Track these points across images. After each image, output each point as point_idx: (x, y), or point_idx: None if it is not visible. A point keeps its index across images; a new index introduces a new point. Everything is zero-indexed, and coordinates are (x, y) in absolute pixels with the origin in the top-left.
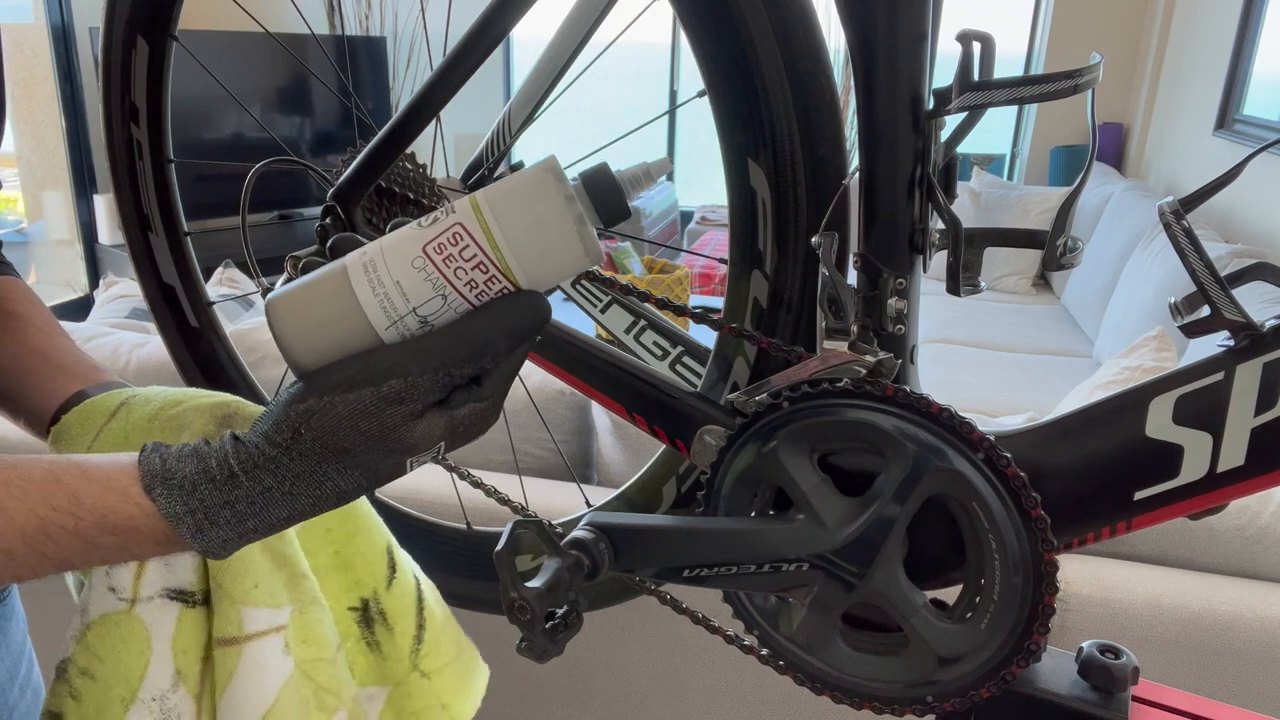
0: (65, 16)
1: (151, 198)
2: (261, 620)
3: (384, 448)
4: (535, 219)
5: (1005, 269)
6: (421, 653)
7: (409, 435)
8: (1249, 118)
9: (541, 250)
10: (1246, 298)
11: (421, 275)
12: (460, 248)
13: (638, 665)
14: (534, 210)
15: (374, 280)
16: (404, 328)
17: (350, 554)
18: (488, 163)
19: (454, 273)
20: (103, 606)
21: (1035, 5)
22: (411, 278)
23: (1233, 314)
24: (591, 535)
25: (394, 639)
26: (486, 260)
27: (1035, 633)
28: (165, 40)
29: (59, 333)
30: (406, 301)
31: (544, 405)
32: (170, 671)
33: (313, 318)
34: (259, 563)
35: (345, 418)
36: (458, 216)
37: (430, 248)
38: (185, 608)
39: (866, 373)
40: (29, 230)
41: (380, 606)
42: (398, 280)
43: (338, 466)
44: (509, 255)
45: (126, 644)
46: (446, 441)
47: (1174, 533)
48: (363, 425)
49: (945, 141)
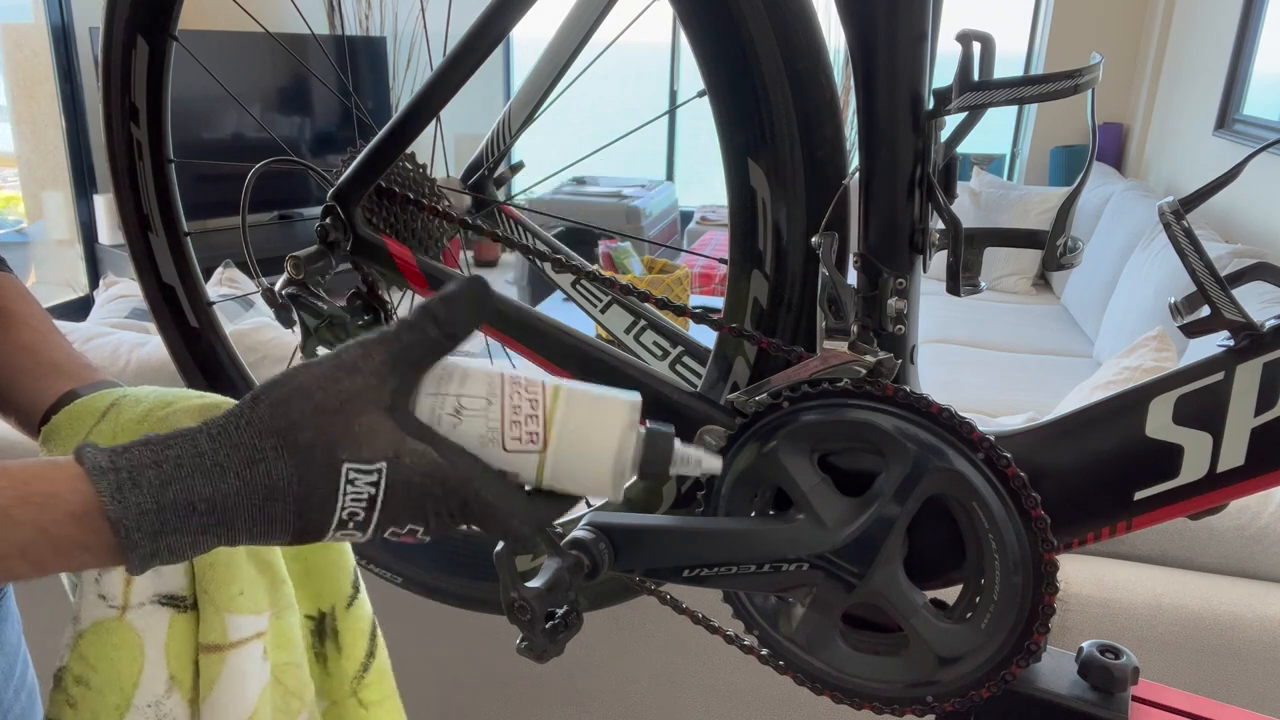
0: (65, 16)
1: (151, 198)
2: (245, 627)
3: (325, 428)
4: (592, 433)
5: (1005, 269)
6: (365, 681)
7: (353, 422)
8: (1249, 118)
9: (579, 459)
10: (1246, 298)
11: (485, 383)
12: (528, 395)
13: (638, 665)
14: (597, 426)
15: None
16: (441, 406)
17: (319, 564)
18: (488, 163)
19: (509, 396)
20: (94, 614)
21: (1035, 5)
22: (478, 380)
23: (1233, 314)
24: (591, 535)
25: (340, 659)
26: (537, 417)
27: (1035, 633)
28: (165, 40)
29: (52, 330)
30: (460, 387)
31: None
32: (164, 677)
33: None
34: (244, 569)
35: (301, 386)
36: (541, 387)
37: (508, 380)
38: (177, 613)
39: (866, 373)
40: (29, 230)
41: (335, 624)
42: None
43: (275, 444)
44: (555, 436)
45: (119, 651)
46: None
47: (1174, 533)
48: (316, 395)
49: (945, 141)
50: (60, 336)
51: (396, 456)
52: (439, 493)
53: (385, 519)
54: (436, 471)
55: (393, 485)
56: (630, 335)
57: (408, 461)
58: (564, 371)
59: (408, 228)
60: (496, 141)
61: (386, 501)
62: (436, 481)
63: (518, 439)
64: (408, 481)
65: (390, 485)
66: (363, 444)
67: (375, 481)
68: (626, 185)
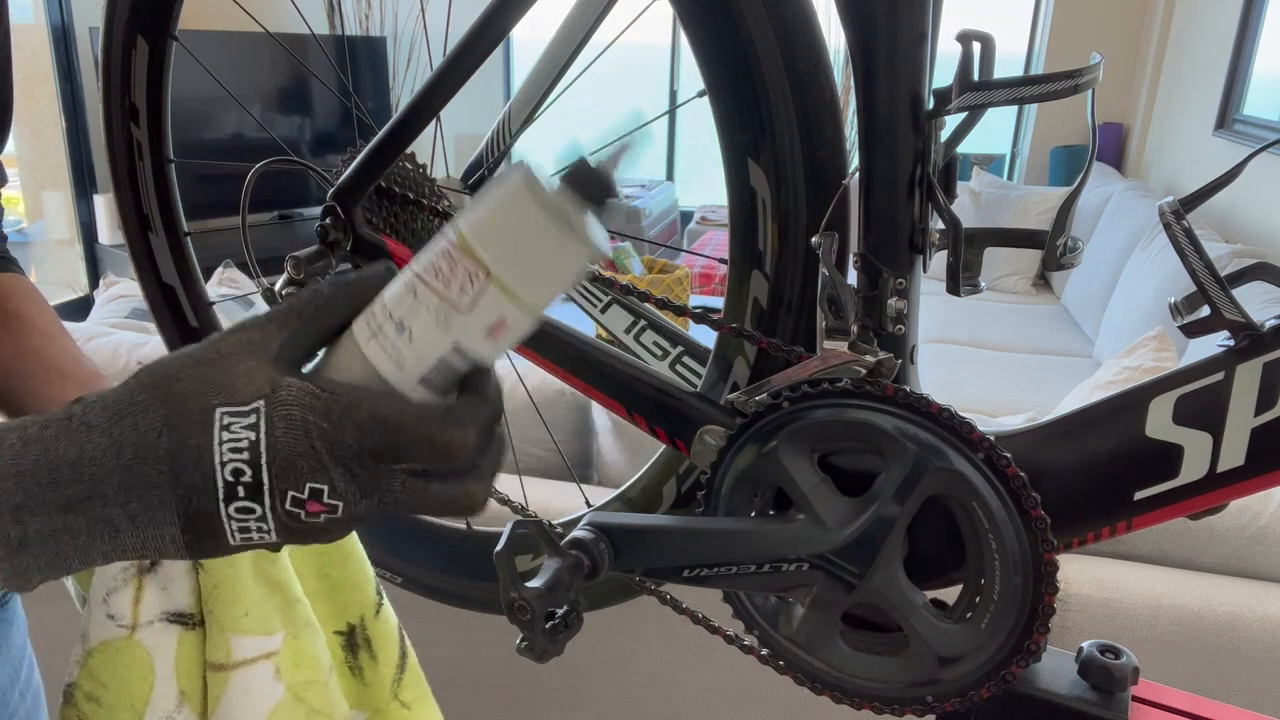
0: (65, 16)
1: (151, 198)
2: (251, 648)
3: (201, 377)
4: (522, 238)
5: (1005, 269)
6: (404, 682)
7: (231, 369)
8: (1249, 118)
9: (523, 250)
10: (1246, 298)
11: (401, 281)
12: (438, 253)
13: (638, 665)
14: (519, 228)
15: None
16: (385, 339)
17: (340, 578)
18: (488, 163)
19: (426, 271)
20: (102, 634)
21: (1035, 5)
22: (394, 285)
23: (1233, 314)
24: (591, 535)
25: (377, 666)
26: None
27: (1035, 633)
28: (165, 40)
29: (61, 333)
30: (386, 306)
31: (544, 405)
32: (174, 693)
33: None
34: (250, 590)
35: (185, 349)
36: (444, 237)
37: (422, 271)
38: (185, 630)
39: (866, 373)
40: (29, 230)
41: (366, 633)
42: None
43: (146, 398)
44: (510, 281)
45: (129, 669)
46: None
47: (1174, 533)
48: (197, 352)
49: (945, 141)
50: (70, 341)
51: (273, 392)
52: (326, 426)
53: (278, 477)
54: (318, 400)
55: (272, 425)
56: (630, 335)
57: (285, 395)
58: (564, 374)
59: (408, 228)
60: (496, 141)
61: (270, 448)
62: (320, 412)
63: (463, 289)
64: (288, 418)
65: (270, 426)
66: (239, 386)
67: (254, 424)
68: (626, 185)
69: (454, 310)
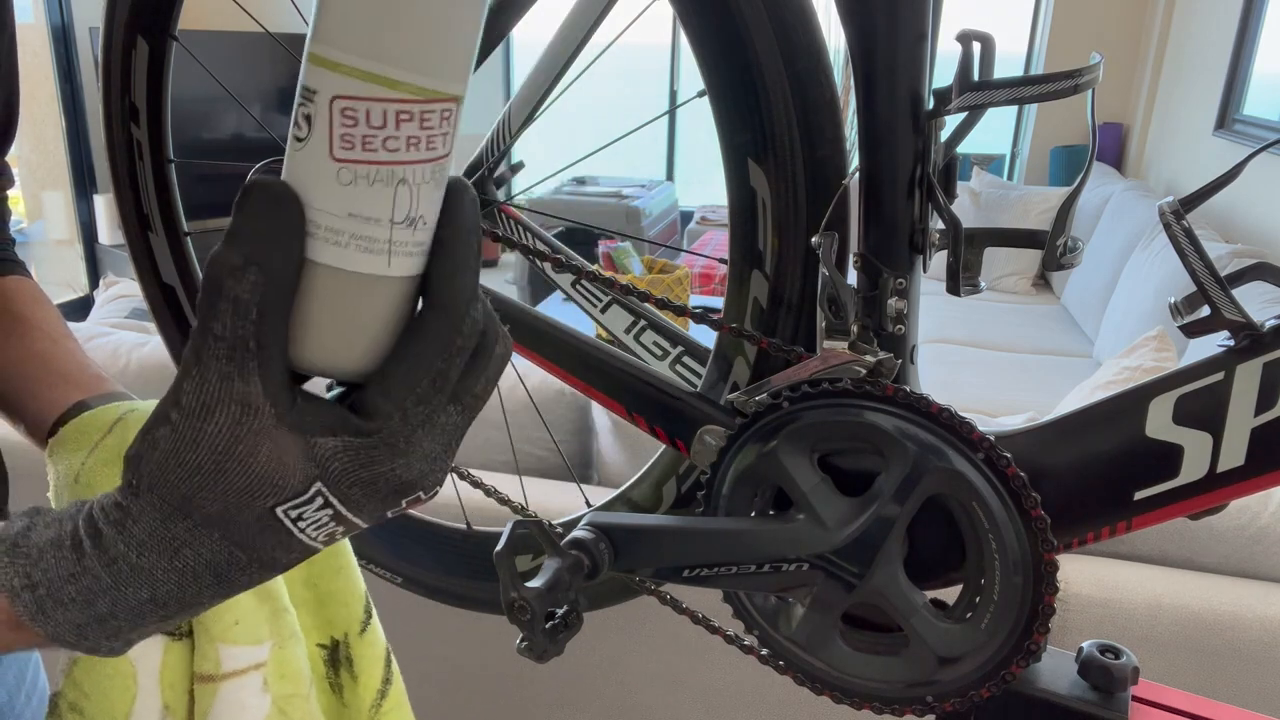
0: (65, 16)
1: (151, 198)
2: (241, 658)
3: (226, 488)
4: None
5: (1005, 269)
6: (384, 708)
7: (251, 464)
8: (1249, 118)
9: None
10: (1246, 298)
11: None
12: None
13: (638, 665)
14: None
15: (323, 234)
16: (402, 248)
17: (328, 590)
18: (488, 162)
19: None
20: None
21: (1035, 5)
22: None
23: (1233, 314)
24: (591, 535)
25: (356, 688)
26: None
27: (1035, 633)
28: (165, 40)
29: (65, 336)
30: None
31: (544, 405)
32: (158, 706)
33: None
34: (242, 599)
35: (169, 452)
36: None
37: (338, 150)
38: (171, 640)
39: (866, 373)
40: (29, 230)
41: (349, 651)
42: (353, 214)
43: (187, 526)
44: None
45: (111, 680)
46: (323, 483)
47: (1174, 533)
48: (188, 457)
49: (945, 141)
50: (74, 343)
51: (323, 468)
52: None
53: (369, 514)
54: (373, 451)
55: (343, 493)
56: (630, 335)
57: (338, 467)
58: (564, 374)
59: None
60: (496, 141)
61: (350, 505)
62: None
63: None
64: (356, 482)
65: (341, 496)
66: (276, 481)
67: (321, 500)
68: (626, 185)
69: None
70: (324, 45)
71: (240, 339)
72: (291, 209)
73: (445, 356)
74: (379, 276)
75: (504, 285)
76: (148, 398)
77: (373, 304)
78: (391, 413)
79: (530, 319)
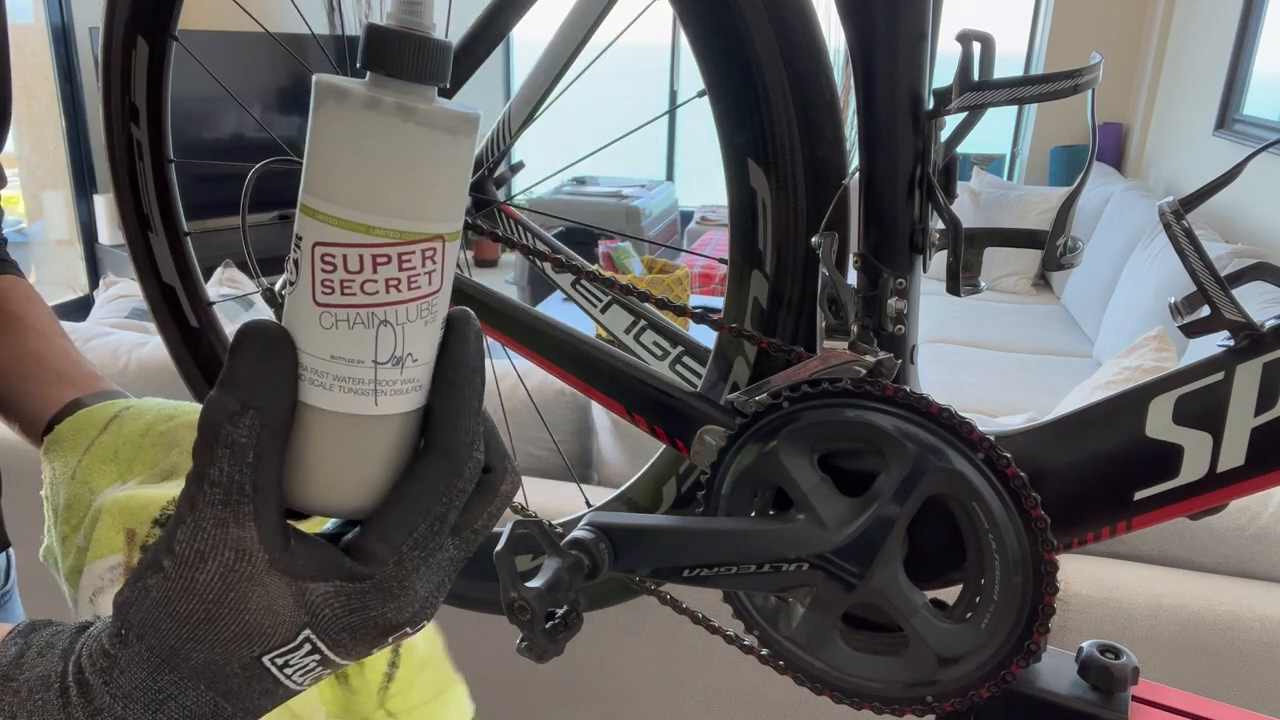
0: (65, 16)
1: (151, 198)
2: None
3: (215, 638)
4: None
5: (1005, 269)
6: (390, 691)
7: (241, 613)
8: (1249, 118)
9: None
10: (1246, 298)
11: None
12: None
13: (638, 665)
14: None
15: (309, 375)
16: (389, 387)
17: None
18: (488, 162)
19: (364, 290)
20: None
21: (1035, 5)
22: (335, 339)
23: (1233, 314)
24: (591, 535)
25: (363, 674)
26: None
27: (1035, 633)
28: (165, 40)
29: (59, 335)
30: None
31: (544, 405)
32: None
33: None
34: None
35: (160, 601)
36: (306, 239)
37: (319, 295)
38: None
39: (866, 373)
40: (29, 230)
41: None
42: (336, 356)
43: (174, 679)
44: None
45: None
46: (312, 629)
47: (1174, 533)
48: (179, 607)
49: (945, 141)
50: (67, 342)
51: (313, 614)
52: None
53: (355, 655)
54: (365, 596)
55: (332, 638)
56: (630, 335)
57: (329, 613)
58: (564, 374)
59: None
60: (496, 141)
61: (338, 648)
62: (373, 601)
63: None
64: (345, 627)
65: (330, 640)
66: (266, 629)
67: (309, 646)
68: (626, 185)
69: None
70: (308, 195)
71: (237, 484)
72: (285, 352)
73: (444, 500)
74: (367, 416)
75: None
76: (147, 397)
77: (363, 444)
78: (386, 558)
79: (530, 319)
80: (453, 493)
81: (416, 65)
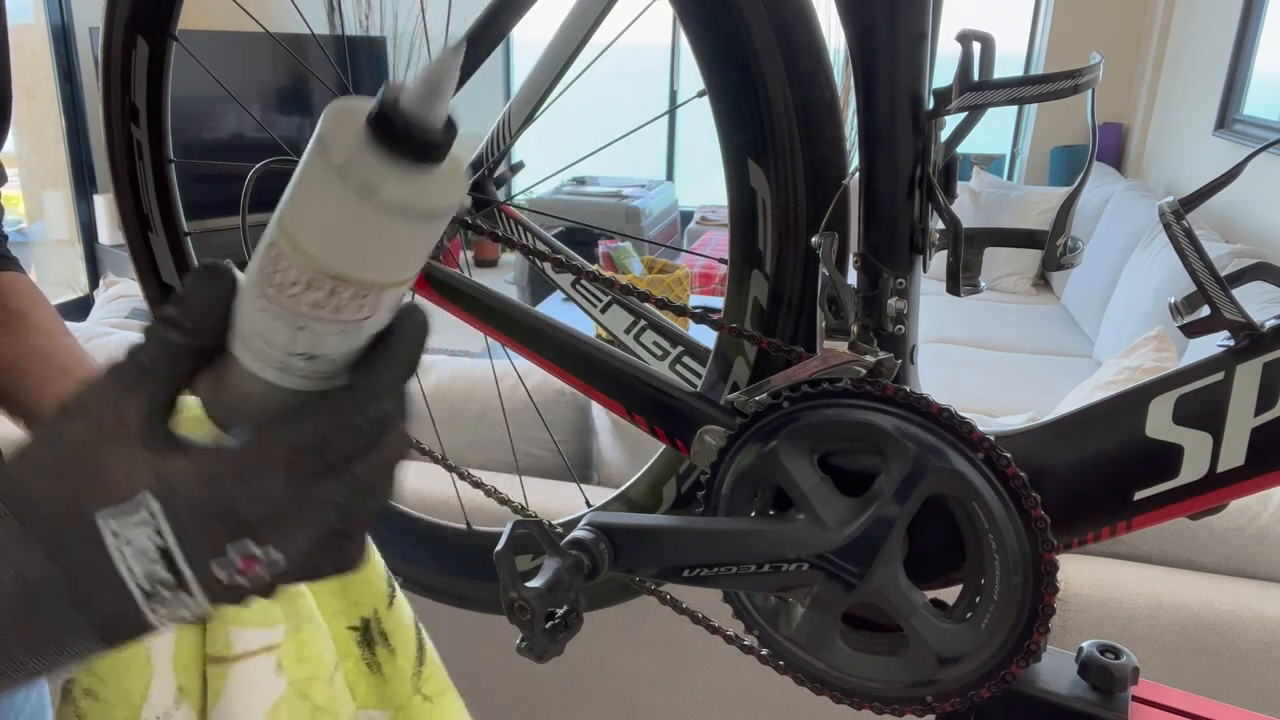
0: (65, 16)
1: (151, 198)
2: (252, 640)
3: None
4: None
5: (1005, 269)
6: (424, 675)
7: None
8: (1249, 118)
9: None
10: (1246, 298)
11: (271, 313)
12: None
13: (638, 665)
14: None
15: (240, 330)
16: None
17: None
18: (488, 162)
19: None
20: None
21: (1035, 5)
22: (262, 319)
23: (1233, 314)
24: (591, 535)
25: (395, 660)
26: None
27: (1035, 633)
28: (165, 40)
29: (62, 332)
30: (271, 344)
31: (544, 405)
32: (173, 689)
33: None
34: None
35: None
36: (270, 233)
37: (258, 281)
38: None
39: (866, 373)
40: (29, 230)
41: (381, 626)
42: (258, 331)
43: (16, 533)
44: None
45: (127, 664)
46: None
47: (1174, 533)
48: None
49: (945, 141)
50: (71, 339)
51: (166, 485)
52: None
53: (197, 557)
54: (218, 477)
55: (172, 513)
56: (630, 335)
57: (182, 488)
58: (564, 374)
59: None
60: (496, 141)
61: (179, 529)
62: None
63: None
64: (190, 505)
65: (171, 517)
66: (111, 487)
67: (148, 520)
68: (626, 185)
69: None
70: (282, 205)
71: (149, 365)
72: (224, 282)
73: (333, 425)
74: (270, 382)
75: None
76: None
77: (268, 398)
78: (251, 443)
79: (530, 319)
80: (346, 425)
81: (403, 148)
